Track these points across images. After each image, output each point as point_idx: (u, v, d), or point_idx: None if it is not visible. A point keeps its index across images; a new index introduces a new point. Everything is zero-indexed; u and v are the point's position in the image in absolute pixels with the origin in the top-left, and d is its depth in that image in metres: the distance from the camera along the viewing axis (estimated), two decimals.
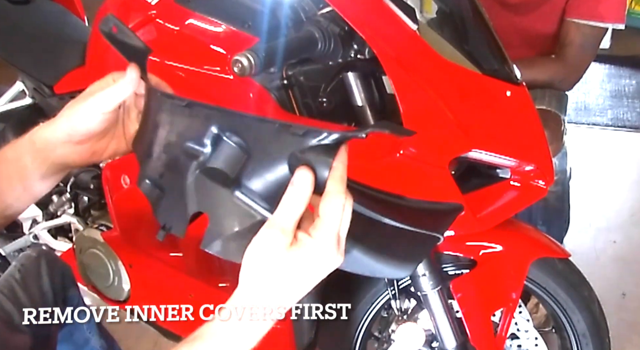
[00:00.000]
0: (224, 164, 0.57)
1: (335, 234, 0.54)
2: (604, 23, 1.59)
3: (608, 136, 2.85)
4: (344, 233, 0.56)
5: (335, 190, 0.54)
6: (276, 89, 1.05)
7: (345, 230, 0.56)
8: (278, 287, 0.54)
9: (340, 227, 0.55)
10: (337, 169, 0.55)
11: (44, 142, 0.70)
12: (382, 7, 0.95)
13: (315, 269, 0.55)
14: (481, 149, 0.98)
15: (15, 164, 0.70)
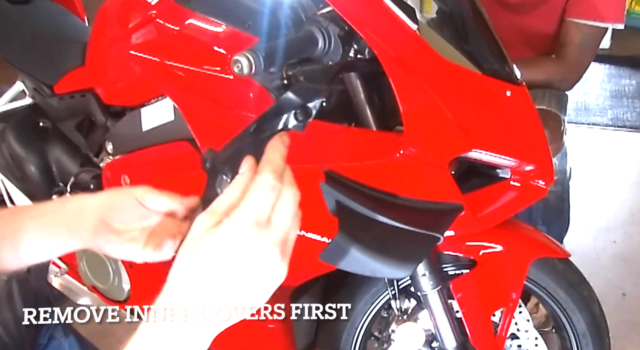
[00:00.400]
0: None
1: (254, 218, 0.48)
2: (603, 23, 1.59)
3: (608, 136, 2.85)
4: (287, 230, 0.50)
5: (262, 170, 0.51)
6: (276, 89, 1.05)
7: (286, 225, 0.50)
8: (196, 278, 0.48)
9: (275, 215, 0.49)
10: (269, 153, 0.53)
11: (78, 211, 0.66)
12: (382, 7, 0.95)
13: (239, 256, 0.47)
14: (481, 149, 0.98)
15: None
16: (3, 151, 1.60)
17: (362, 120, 1.04)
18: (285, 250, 0.51)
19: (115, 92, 1.33)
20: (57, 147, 1.56)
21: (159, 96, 1.19)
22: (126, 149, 1.29)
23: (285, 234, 0.50)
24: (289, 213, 0.50)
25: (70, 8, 1.75)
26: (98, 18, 1.36)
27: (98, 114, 1.41)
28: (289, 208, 0.50)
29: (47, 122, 1.58)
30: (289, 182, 0.52)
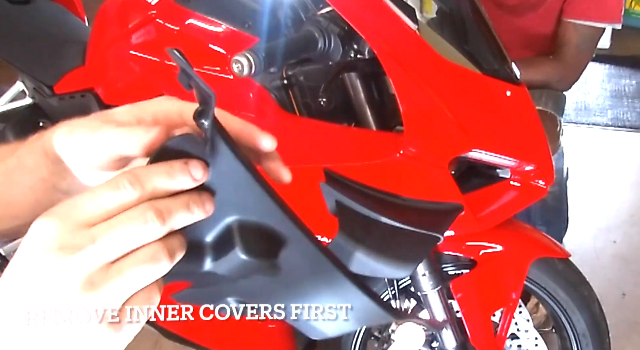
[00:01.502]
0: None
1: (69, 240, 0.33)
2: (601, 23, 1.60)
3: (608, 136, 2.85)
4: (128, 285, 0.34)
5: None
6: (276, 89, 1.05)
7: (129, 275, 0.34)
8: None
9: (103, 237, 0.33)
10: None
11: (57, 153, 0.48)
12: (382, 7, 0.95)
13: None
14: (481, 149, 0.98)
15: (33, 173, 0.50)
16: None
17: (362, 120, 1.04)
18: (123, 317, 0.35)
19: (115, 92, 1.33)
20: None
21: (159, 96, 1.19)
22: None
23: (121, 291, 0.34)
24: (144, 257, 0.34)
25: (70, 8, 1.75)
26: (98, 18, 1.36)
27: None
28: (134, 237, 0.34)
29: (47, 122, 1.58)
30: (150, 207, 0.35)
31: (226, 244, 0.41)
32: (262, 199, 0.41)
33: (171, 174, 0.37)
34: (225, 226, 0.41)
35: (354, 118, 1.05)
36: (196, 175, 0.38)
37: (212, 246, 0.41)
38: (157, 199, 0.36)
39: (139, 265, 0.34)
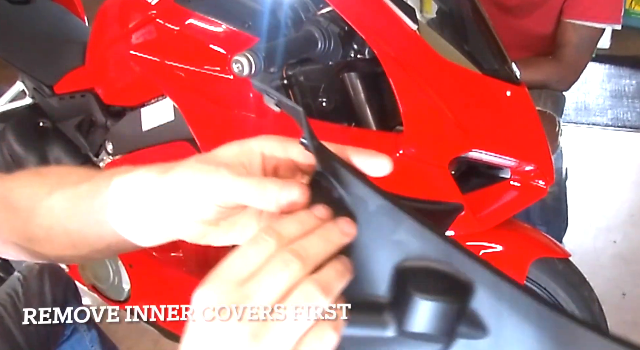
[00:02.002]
0: None
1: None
2: (600, 24, 1.60)
3: (608, 136, 2.85)
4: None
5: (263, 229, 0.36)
6: (276, 89, 1.05)
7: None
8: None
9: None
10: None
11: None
12: (382, 7, 0.95)
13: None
14: (481, 149, 0.98)
15: (93, 211, 0.47)
16: (3, 151, 1.60)
17: (362, 120, 1.04)
18: None
19: (115, 92, 1.33)
20: (57, 147, 1.56)
21: (159, 96, 1.19)
22: (126, 149, 1.29)
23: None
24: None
25: (70, 8, 1.75)
26: (98, 18, 1.36)
27: (98, 114, 1.41)
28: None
29: (47, 122, 1.58)
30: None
31: (401, 295, 0.36)
32: (417, 232, 0.36)
33: (327, 238, 0.36)
34: (389, 274, 0.37)
35: (354, 118, 1.05)
36: (348, 230, 0.37)
37: (387, 304, 0.37)
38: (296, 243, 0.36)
39: (293, 306, 0.34)
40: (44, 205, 0.51)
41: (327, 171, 0.38)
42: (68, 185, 0.51)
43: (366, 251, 0.37)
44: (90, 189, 0.49)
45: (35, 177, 0.54)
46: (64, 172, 0.54)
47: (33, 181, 0.54)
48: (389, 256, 0.37)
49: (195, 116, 1.08)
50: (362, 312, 0.36)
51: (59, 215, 0.50)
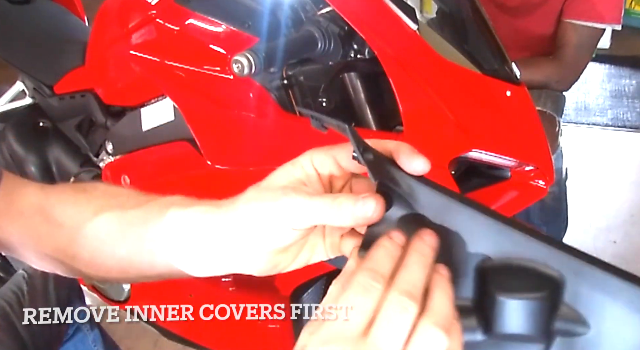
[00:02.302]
0: None
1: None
2: (600, 24, 1.60)
3: (608, 136, 2.85)
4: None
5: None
6: (276, 89, 1.05)
7: None
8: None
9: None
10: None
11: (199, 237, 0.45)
12: (382, 7, 0.95)
13: None
14: (481, 149, 0.98)
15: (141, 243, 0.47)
16: (3, 151, 1.60)
17: (362, 120, 1.04)
18: None
19: (115, 92, 1.33)
20: (57, 147, 1.56)
21: (159, 96, 1.19)
22: (126, 149, 1.29)
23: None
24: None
25: (70, 8, 1.75)
26: (98, 18, 1.36)
27: (98, 114, 1.41)
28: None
29: (47, 122, 1.58)
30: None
31: (485, 297, 0.35)
32: (491, 227, 0.35)
33: (424, 263, 0.36)
34: (471, 276, 0.36)
35: (354, 118, 1.05)
36: (433, 243, 0.37)
37: (473, 307, 0.36)
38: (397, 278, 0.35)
39: (420, 344, 0.34)
40: (90, 227, 0.50)
41: (386, 181, 0.38)
42: (115, 208, 0.50)
43: (444, 256, 0.36)
44: (141, 217, 0.48)
45: (80, 195, 0.54)
46: (111, 193, 0.54)
47: (78, 199, 0.53)
48: (467, 258, 0.36)
49: (195, 116, 1.08)
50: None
51: (106, 239, 0.50)
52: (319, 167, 0.43)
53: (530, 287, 0.34)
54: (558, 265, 0.34)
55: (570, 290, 0.34)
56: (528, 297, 0.33)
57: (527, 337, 0.34)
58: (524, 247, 0.34)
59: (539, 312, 0.34)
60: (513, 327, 0.34)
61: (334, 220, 0.39)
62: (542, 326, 0.34)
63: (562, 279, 0.34)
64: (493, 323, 0.34)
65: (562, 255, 0.34)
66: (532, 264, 0.34)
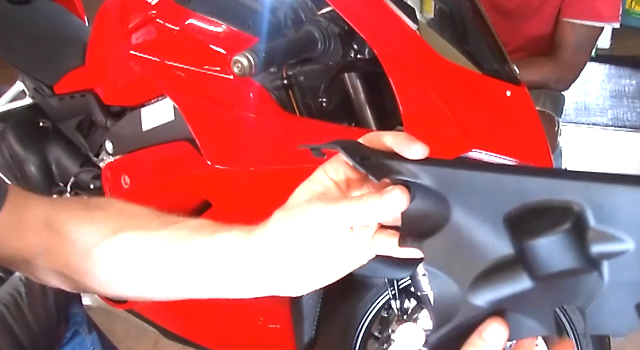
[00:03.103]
0: None
1: None
2: (598, 22, 1.60)
3: (608, 136, 2.85)
4: None
5: None
6: (276, 89, 1.05)
7: None
8: None
9: None
10: None
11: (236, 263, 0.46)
12: (382, 7, 0.95)
13: None
14: (481, 149, 0.98)
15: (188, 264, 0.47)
16: (3, 151, 1.60)
17: (362, 120, 1.04)
18: None
19: (115, 92, 1.33)
20: (57, 147, 1.56)
21: (159, 96, 1.19)
22: (126, 149, 1.29)
23: None
24: None
25: (70, 8, 1.75)
26: (98, 18, 1.36)
27: (98, 114, 1.41)
28: None
29: (47, 122, 1.58)
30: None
31: (521, 245, 0.36)
32: (500, 181, 0.37)
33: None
34: (504, 232, 0.37)
35: (354, 118, 1.05)
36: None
37: (515, 259, 0.37)
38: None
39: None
40: (108, 245, 0.51)
41: (394, 176, 0.40)
42: (137, 228, 0.51)
43: (476, 223, 0.38)
44: (171, 238, 0.48)
45: (97, 212, 0.54)
46: (129, 212, 0.54)
47: (95, 216, 0.53)
48: (493, 217, 0.37)
49: (195, 116, 1.08)
50: (498, 276, 0.37)
51: (127, 259, 0.50)
52: (334, 176, 0.45)
53: (552, 223, 0.35)
54: (570, 194, 0.35)
55: (593, 213, 0.35)
56: (553, 233, 0.34)
57: (572, 270, 0.35)
58: (534, 188, 0.36)
59: (570, 243, 0.35)
60: (553, 265, 0.35)
61: (364, 219, 0.41)
62: (580, 256, 0.35)
63: (579, 205, 0.35)
64: (535, 267, 0.35)
65: (571, 183, 0.35)
66: (547, 201, 0.36)
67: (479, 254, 0.38)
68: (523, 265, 0.36)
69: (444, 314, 0.39)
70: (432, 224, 0.40)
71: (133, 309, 1.43)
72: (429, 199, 0.40)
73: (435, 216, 0.40)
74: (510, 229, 0.37)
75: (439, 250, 0.40)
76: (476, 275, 0.38)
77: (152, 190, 1.20)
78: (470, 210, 0.39)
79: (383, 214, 0.40)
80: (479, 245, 0.38)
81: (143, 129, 1.22)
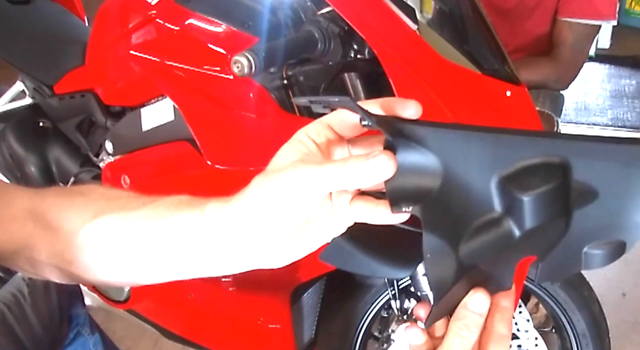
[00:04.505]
0: None
1: None
2: (595, 20, 1.61)
3: None
4: None
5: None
6: (276, 89, 1.05)
7: None
8: None
9: None
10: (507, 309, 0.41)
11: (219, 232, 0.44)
12: (382, 7, 0.95)
13: None
14: None
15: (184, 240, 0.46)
16: (3, 151, 1.60)
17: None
18: None
19: (115, 92, 1.33)
20: (57, 147, 1.56)
21: (159, 96, 1.19)
22: (126, 149, 1.29)
23: None
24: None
25: (70, 8, 1.75)
26: (98, 18, 1.36)
27: (98, 114, 1.41)
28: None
29: (47, 122, 1.58)
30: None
31: (511, 202, 0.39)
32: (491, 142, 0.39)
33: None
34: (494, 190, 0.39)
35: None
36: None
37: (504, 214, 0.40)
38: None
39: None
40: (90, 229, 0.50)
41: (398, 136, 0.40)
42: (117, 210, 0.49)
43: (467, 183, 0.40)
44: (151, 216, 0.47)
45: (77, 198, 0.52)
46: (109, 195, 0.52)
47: (75, 202, 0.52)
48: (485, 176, 0.39)
49: (195, 116, 1.08)
50: (487, 233, 0.39)
51: (109, 241, 0.49)
52: (315, 138, 0.43)
53: (544, 179, 0.38)
54: (559, 151, 0.38)
55: (577, 168, 0.38)
56: (546, 188, 0.38)
57: (552, 220, 0.39)
58: (526, 148, 0.38)
59: (558, 197, 0.38)
60: (541, 218, 0.38)
61: (349, 183, 0.39)
62: (563, 206, 0.38)
63: (567, 161, 0.38)
64: (524, 220, 0.38)
65: (559, 142, 0.38)
66: (539, 159, 0.38)
67: (469, 214, 0.40)
68: (512, 220, 0.39)
69: (439, 281, 0.40)
70: (423, 187, 0.40)
71: (133, 309, 1.43)
72: (421, 162, 0.40)
73: (426, 179, 0.40)
74: (501, 187, 0.39)
75: (433, 214, 0.40)
76: (466, 235, 0.39)
77: (152, 190, 1.20)
78: (462, 171, 0.40)
79: (368, 179, 0.38)
80: (469, 206, 0.40)
81: (143, 129, 1.22)
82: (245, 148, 1.05)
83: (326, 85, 1.00)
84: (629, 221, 0.38)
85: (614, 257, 0.39)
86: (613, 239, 0.39)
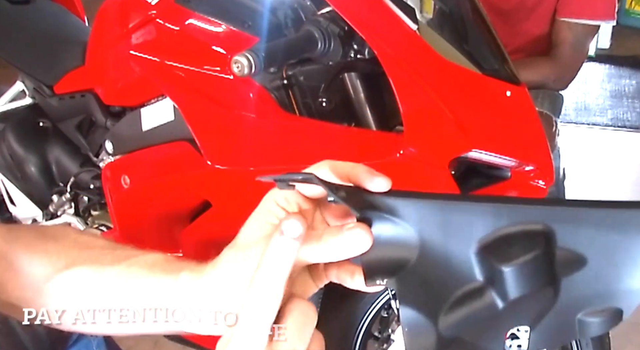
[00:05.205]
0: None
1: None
2: (595, 20, 1.61)
3: (608, 136, 2.85)
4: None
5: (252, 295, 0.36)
6: (276, 89, 1.05)
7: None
8: None
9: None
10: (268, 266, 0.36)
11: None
12: (382, 7, 0.95)
13: None
14: (481, 149, 0.98)
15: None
16: (3, 151, 1.60)
17: (362, 120, 1.04)
18: None
19: (115, 92, 1.33)
20: (57, 147, 1.56)
21: (159, 96, 1.19)
22: (126, 149, 1.29)
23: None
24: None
25: (70, 8, 1.75)
26: (98, 18, 1.36)
27: (98, 114, 1.41)
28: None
29: (47, 122, 1.58)
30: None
31: (492, 272, 0.37)
32: (470, 211, 0.37)
33: None
34: (473, 260, 0.38)
35: (354, 118, 1.05)
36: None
37: (486, 285, 0.37)
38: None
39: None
40: (60, 279, 0.49)
41: (369, 210, 0.39)
42: (89, 263, 0.49)
43: (446, 253, 0.38)
44: (126, 274, 0.48)
45: (50, 243, 0.52)
46: (83, 243, 0.52)
47: (48, 248, 0.52)
48: (464, 246, 0.37)
49: (195, 116, 1.09)
50: (469, 304, 0.38)
51: (78, 293, 0.49)
52: (286, 206, 0.42)
53: (526, 248, 0.36)
54: (541, 218, 0.36)
55: (560, 235, 0.36)
56: (528, 258, 0.36)
57: (538, 289, 0.37)
58: (506, 215, 0.37)
59: (542, 266, 0.36)
60: (525, 288, 0.36)
61: (324, 260, 0.39)
62: (549, 276, 0.37)
63: (550, 229, 0.36)
64: (507, 291, 0.37)
65: (540, 209, 0.37)
66: (519, 226, 0.37)
67: (448, 285, 0.38)
68: (495, 290, 0.37)
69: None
70: (399, 259, 0.38)
71: None
72: (397, 233, 0.38)
73: (403, 250, 0.38)
74: (481, 257, 0.37)
75: (409, 286, 0.38)
76: (446, 306, 0.37)
77: (152, 190, 1.20)
78: (439, 240, 0.38)
79: (343, 254, 0.37)
80: (448, 276, 0.38)
81: (143, 129, 1.22)
82: (245, 148, 1.05)
83: (326, 85, 1.00)
84: (621, 288, 0.36)
85: (611, 325, 0.38)
86: (607, 306, 0.37)
